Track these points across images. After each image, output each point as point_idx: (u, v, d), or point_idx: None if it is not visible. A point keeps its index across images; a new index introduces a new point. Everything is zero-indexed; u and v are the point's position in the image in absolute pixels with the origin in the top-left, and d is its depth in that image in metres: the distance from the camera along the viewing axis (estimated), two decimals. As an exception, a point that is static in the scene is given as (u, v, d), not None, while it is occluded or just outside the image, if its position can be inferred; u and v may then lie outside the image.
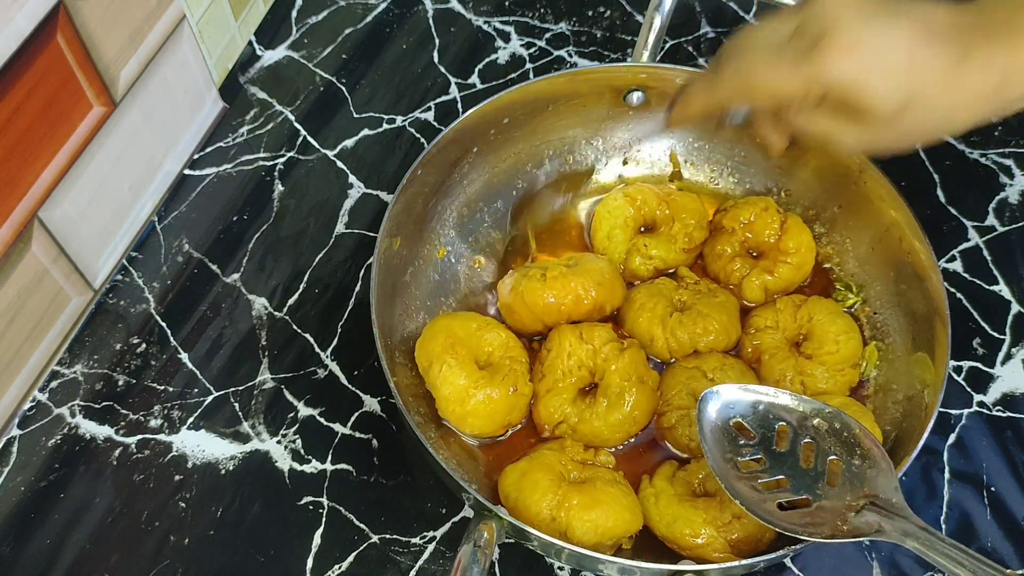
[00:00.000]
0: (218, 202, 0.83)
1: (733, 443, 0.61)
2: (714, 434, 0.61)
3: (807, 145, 0.72)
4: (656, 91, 0.78)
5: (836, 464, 0.59)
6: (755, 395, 0.62)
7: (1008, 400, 0.74)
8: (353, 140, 0.87)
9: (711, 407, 0.61)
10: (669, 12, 0.76)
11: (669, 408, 0.69)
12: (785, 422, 0.61)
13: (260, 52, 0.91)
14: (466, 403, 0.66)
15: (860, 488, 0.58)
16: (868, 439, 0.60)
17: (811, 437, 0.61)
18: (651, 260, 0.76)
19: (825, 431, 0.61)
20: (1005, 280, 0.79)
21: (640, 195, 0.77)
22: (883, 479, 0.58)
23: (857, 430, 0.60)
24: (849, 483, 0.58)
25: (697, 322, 0.71)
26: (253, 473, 0.70)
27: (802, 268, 0.75)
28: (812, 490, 0.59)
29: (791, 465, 0.60)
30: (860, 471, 0.59)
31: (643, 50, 0.77)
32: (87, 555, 0.67)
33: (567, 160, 0.82)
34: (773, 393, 0.62)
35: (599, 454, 0.67)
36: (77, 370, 0.74)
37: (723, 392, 0.62)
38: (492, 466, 0.69)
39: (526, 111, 0.77)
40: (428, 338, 0.69)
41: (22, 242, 0.66)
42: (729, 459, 0.60)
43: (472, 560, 0.56)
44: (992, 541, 0.68)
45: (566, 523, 0.62)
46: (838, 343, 0.70)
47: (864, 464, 0.59)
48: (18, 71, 0.61)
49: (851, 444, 0.60)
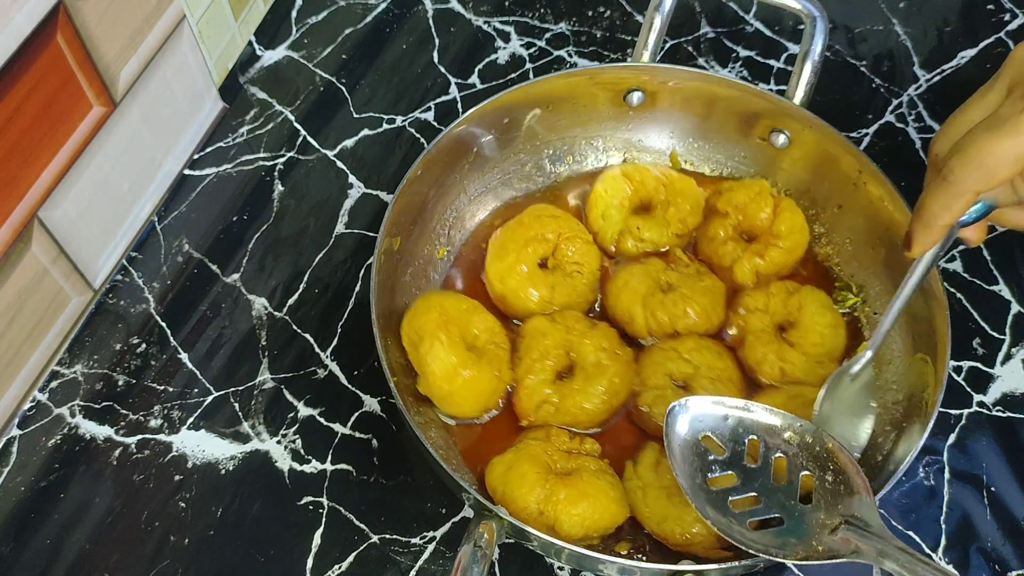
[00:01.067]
0: (218, 202, 0.83)
1: (703, 459, 0.60)
2: (683, 450, 0.60)
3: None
4: (656, 91, 0.78)
5: (809, 479, 0.58)
6: (725, 408, 0.61)
7: (1008, 400, 0.74)
8: (353, 140, 0.87)
9: (680, 421, 0.60)
10: (669, 12, 0.76)
11: (645, 388, 0.69)
12: (756, 436, 0.60)
13: (260, 52, 0.91)
14: (454, 382, 0.66)
15: (835, 507, 0.57)
16: (843, 454, 0.58)
17: (783, 452, 0.60)
18: (642, 243, 0.76)
19: (797, 445, 0.59)
20: (1005, 280, 0.79)
21: (639, 174, 0.77)
22: (858, 497, 0.57)
23: (830, 444, 0.59)
24: (823, 501, 0.57)
25: (679, 303, 0.72)
26: (253, 473, 0.70)
27: (794, 252, 0.75)
28: (785, 508, 0.58)
29: (763, 482, 0.59)
30: (834, 488, 0.57)
31: (643, 50, 0.77)
32: (87, 555, 0.67)
33: (567, 160, 0.82)
34: (743, 406, 0.61)
35: (584, 442, 0.67)
36: (77, 370, 0.74)
37: (692, 405, 0.61)
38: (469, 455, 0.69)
39: (526, 111, 0.77)
40: (421, 312, 0.68)
41: (22, 242, 0.66)
42: (699, 476, 0.59)
43: (472, 560, 0.56)
44: (992, 541, 0.68)
45: (554, 517, 0.62)
46: (823, 336, 0.70)
47: (837, 480, 0.58)
48: (18, 71, 0.61)
49: (824, 459, 0.59)
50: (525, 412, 0.69)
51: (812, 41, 0.74)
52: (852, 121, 0.88)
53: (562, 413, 0.68)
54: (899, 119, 0.88)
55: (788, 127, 0.77)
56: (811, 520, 0.57)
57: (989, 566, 0.68)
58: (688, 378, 0.69)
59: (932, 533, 0.69)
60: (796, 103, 0.74)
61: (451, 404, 0.68)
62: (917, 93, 0.90)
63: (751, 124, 0.78)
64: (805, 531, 0.56)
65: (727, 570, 0.60)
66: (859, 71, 0.91)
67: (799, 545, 0.56)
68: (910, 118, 0.88)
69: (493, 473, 0.65)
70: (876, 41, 0.93)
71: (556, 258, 0.75)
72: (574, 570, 0.67)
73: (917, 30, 0.94)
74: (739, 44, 0.93)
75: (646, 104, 0.80)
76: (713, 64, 0.91)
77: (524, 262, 0.73)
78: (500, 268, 0.73)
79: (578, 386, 0.68)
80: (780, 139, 0.78)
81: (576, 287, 0.74)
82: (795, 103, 0.74)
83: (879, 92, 0.90)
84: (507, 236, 0.75)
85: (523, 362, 0.70)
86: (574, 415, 0.68)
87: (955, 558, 0.68)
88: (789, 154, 0.78)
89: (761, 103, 0.76)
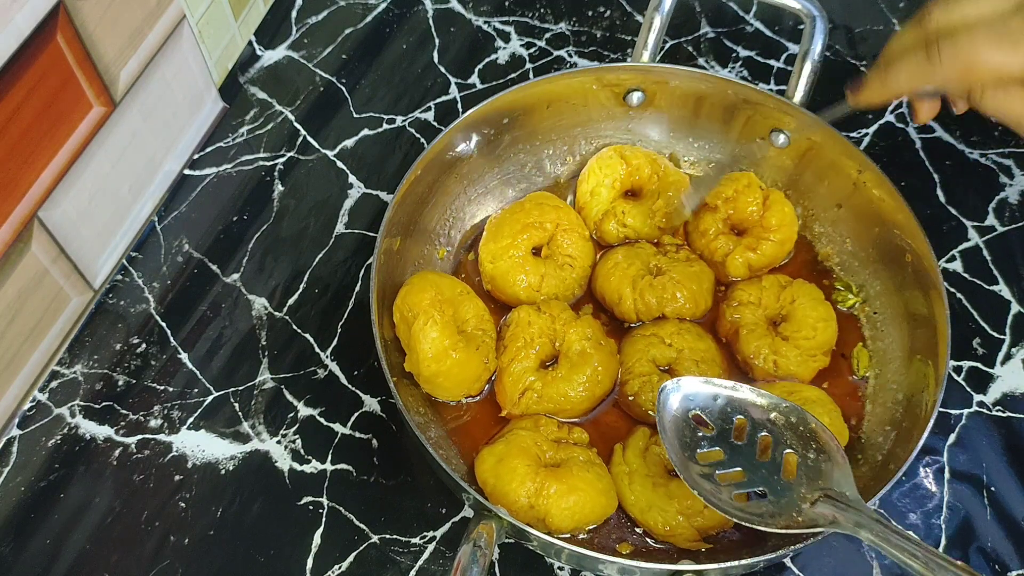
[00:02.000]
0: (218, 202, 0.83)
1: (692, 434, 0.62)
2: (674, 425, 0.62)
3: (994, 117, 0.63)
4: (656, 91, 0.79)
5: (792, 457, 0.60)
6: (715, 388, 0.63)
7: (1008, 400, 0.74)
8: (353, 140, 0.87)
9: (672, 399, 0.62)
10: (669, 12, 0.76)
11: (631, 376, 0.70)
12: (743, 415, 0.62)
13: (260, 52, 0.91)
14: (443, 362, 0.66)
15: (816, 481, 0.59)
16: (825, 434, 0.60)
17: (768, 431, 0.61)
18: (624, 228, 0.77)
19: (782, 425, 0.61)
20: (1005, 280, 0.79)
21: (636, 158, 0.77)
22: (838, 472, 0.59)
23: (813, 424, 0.61)
24: (805, 476, 0.59)
25: (667, 287, 0.72)
26: (253, 473, 0.70)
27: (785, 244, 0.75)
28: (768, 482, 0.60)
29: (748, 458, 0.61)
30: (816, 465, 0.60)
31: (643, 50, 0.77)
32: (87, 555, 0.67)
33: (567, 160, 0.82)
34: (732, 386, 0.63)
35: (573, 432, 0.68)
36: (77, 370, 0.74)
37: (684, 384, 0.63)
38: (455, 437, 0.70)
39: (526, 111, 0.77)
40: (417, 289, 0.68)
41: (22, 242, 0.66)
42: (688, 451, 0.61)
43: (472, 560, 0.56)
44: (992, 541, 0.68)
45: (544, 511, 0.63)
46: (816, 330, 0.71)
47: (820, 458, 0.60)
48: (18, 71, 0.61)
49: (807, 438, 0.61)
50: (507, 401, 0.69)
51: (812, 41, 0.74)
52: (852, 121, 0.88)
53: (545, 400, 0.69)
54: (899, 119, 0.88)
55: (788, 127, 0.77)
56: (793, 494, 0.59)
57: (989, 566, 0.68)
58: (672, 362, 0.70)
59: (932, 533, 0.69)
60: (796, 103, 0.75)
61: (435, 385, 0.68)
62: (917, 93, 0.90)
63: (751, 124, 0.78)
64: (787, 504, 0.59)
65: (727, 570, 0.60)
66: (859, 71, 0.91)
67: (781, 516, 0.58)
68: (910, 118, 0.88)
69: (484, 465, 0.65)
70: (876, 41, 0.93)
71: (551, 248, 0.75)
72: (574, 570, 0.67)
73: (917, 30, 0.94)
74: (739, 44, 0.93)
75: (646, 104, 0.80)
76: (713, 64, 0.91)
77: (518, 247, 0.74)
78: (493, 249, 0.74)
79: (562, 374, 0.69)
80: (780, 139, 0.78)
81: (565, 280, 0.74)
82: (795, 103, 0.75)
83: (879, 92, 0.90)
84: (505, 219, 0.75)
85: (508, 349, 0.70)
86: (557, 403, 0.69)
87: (955, 558, 0.68)
88: (789, 154, 0.78)
89: (761, 103, 0.76)
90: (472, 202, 0.79)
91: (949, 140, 0.87)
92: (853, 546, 0.68)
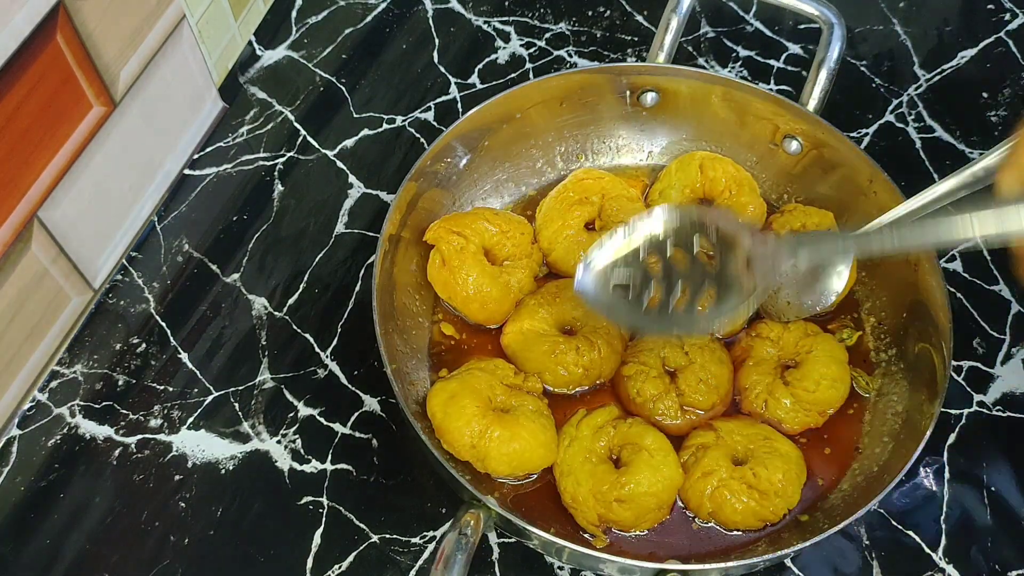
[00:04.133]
0: (218, 202, 0.83)
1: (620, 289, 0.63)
2: (597, 285, 0.63)
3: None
4: (670, 92, 0.78)
5: (716, 260, 0.61)
6: (633, 243, 0.63)
7: (1008, 400, 0.74)
8: (353, 140, 0.87)
9: (587, 279, 0.63)
10: (686, 13, 0.76)
11: (634, 360, 0.70)
12: (656, 255, 0.62)
13: (260, 52, 0.91)
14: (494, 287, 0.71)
15: (747, 264, 0.60)
16: (742, 229, 0.61)
17: (684, 249, 0.62)
18: None
19: (708, 239, 0.62)
20: (1005, 280, 0.79)
21: (714, 170, 0.76)
22: (757, 240, 0.60)
23: (727, 223, 0.62)
24: (739, 265, 0.61)
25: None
26: (253, 473, 0.70)
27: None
28: (715, 284, 0.61)
29: (680, 274, 0.62)
30: (742, 254, 0.61)
31: (659, 51, 0.77)
32: (87, 555, 0.67)
33: (579, 158, 0.82)
34: (641, 227, 0.63)
35: (528, 380, 0.69)
36: (77, 370, 0.74)
37: (595, 260, 0.63)
38: None
39: (533, 110, 0.77)
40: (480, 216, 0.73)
41: (22, 242, 0.66)
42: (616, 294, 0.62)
43: (456, 547, 0.56)
44: (992, 541, 0.68)
45: (484, 452, 0.64)
46: (818, 385, 0.68)
47: (743, 248, 0.61)
48: (18, 71, 0.61)
49: (729, 242, 0.61)
50: None
51: (829, 48, 0.73)
52: (852, 121, 0.88)
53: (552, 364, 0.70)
54: (899, 119, 0.88)
55: (801, 133, 0.76)
56: (739, 282, 0.60)
57: (989, 566, 0.68)
58: (680, 368, 0.70)
59: (932, 533, 0.69)
60: (810, 110, 0.74)
61: (469, 305, 0.72)
62: (917, 93, 0.90)
63: (764, 129, 0.78)
64: (738, 290, 0.60)
65: (727, 570, 0.60)
66: (859, 71, 0.91)
67: (738, 301, 0.60)
68: (910, 118, 0.88)
69: (435, 399, 0.66)
70: (876, 41, 0.93)
71: (603, 219, 0.76)
72: (574, 569, 0.67)
73: (917, 30, 0.94)
74: (739, 44, 0.93)
75: (660, 105, 0.79)
76: (713, 64, 0.91)
77: (569, 226, 0.74)
78: (548, 235, 0.75)
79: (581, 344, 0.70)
80: (793, 145, 0.77)
81: None
82: (809, 110, 0.74)
83: (879, 92, 0.90)
84: (551, 203, 0.76)
85: None
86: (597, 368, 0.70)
87: (955, 558, 0.68)
88: (801, 160, 0.78)
89: (775, 108, 0.76)
90: (476, 201, 0.79)
91: (949, 140, 0.87)
92: (853, 546, 0.68)
